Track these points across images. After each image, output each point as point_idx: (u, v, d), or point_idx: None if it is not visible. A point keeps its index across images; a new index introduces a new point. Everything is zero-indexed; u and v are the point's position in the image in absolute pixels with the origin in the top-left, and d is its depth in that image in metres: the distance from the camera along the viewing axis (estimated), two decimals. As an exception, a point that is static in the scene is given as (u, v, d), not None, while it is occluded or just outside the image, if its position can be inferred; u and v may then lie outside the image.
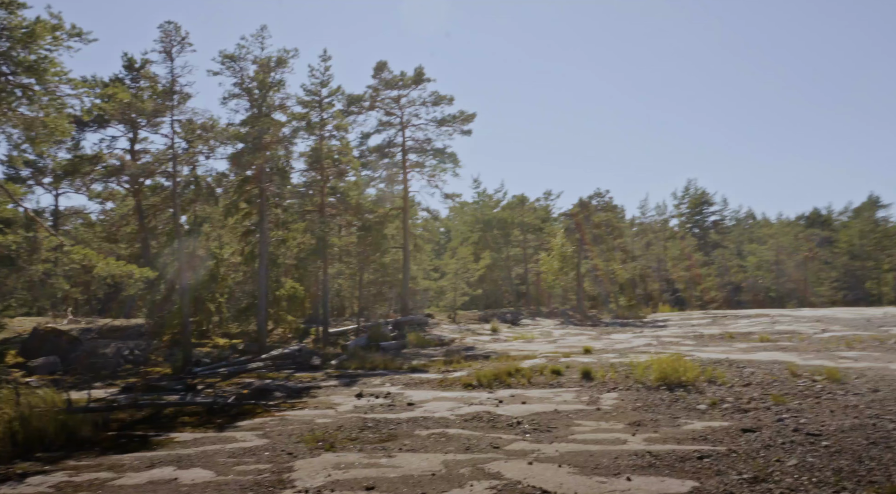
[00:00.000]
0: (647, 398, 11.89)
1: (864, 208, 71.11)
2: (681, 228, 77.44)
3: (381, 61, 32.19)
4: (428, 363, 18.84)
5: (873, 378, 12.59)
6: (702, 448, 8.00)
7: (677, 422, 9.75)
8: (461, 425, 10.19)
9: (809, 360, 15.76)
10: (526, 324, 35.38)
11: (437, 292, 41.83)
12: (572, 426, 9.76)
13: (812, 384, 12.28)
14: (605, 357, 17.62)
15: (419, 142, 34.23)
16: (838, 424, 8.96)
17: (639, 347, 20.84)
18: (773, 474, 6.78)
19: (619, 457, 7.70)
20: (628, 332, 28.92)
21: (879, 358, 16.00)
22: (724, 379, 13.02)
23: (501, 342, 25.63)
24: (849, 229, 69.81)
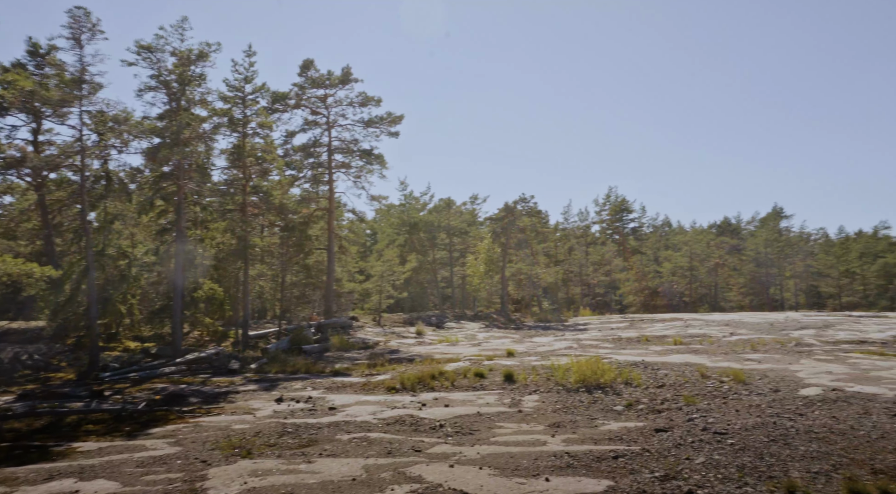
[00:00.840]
0: (567, 399, 12.14)
1: (769, 217, 75.78)
2: (602, 234, 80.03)
3: (308, 59, 31.56)
4: (351, 367, 18.57)
5: (774, 379, 13.36)
6: (617, 447, 8.23)
7: (595, 423, 9.99)
8: (383, 429, 10.07)
9: (718, 362, 16.56)
10: (451, 327, 35.53)
11: (362, 294, 41.39)
12: (494, 429, 9.83)
13: (720, 385, 12.89)
14: (528, 360, 17.91)
15: (346, 142, 33.76)
16: (743, 423, 9.42)
17: (560, 350, 21.30)
18: (682, 471, 7.04)
19: (538, 458, 7.80)
20: (550, 335, 29.53)
21: (780, 360, 17.01)
22: (639, 381, 13.48)
23: (426, 345, 25.62)
24: (755, 237, 74.13)
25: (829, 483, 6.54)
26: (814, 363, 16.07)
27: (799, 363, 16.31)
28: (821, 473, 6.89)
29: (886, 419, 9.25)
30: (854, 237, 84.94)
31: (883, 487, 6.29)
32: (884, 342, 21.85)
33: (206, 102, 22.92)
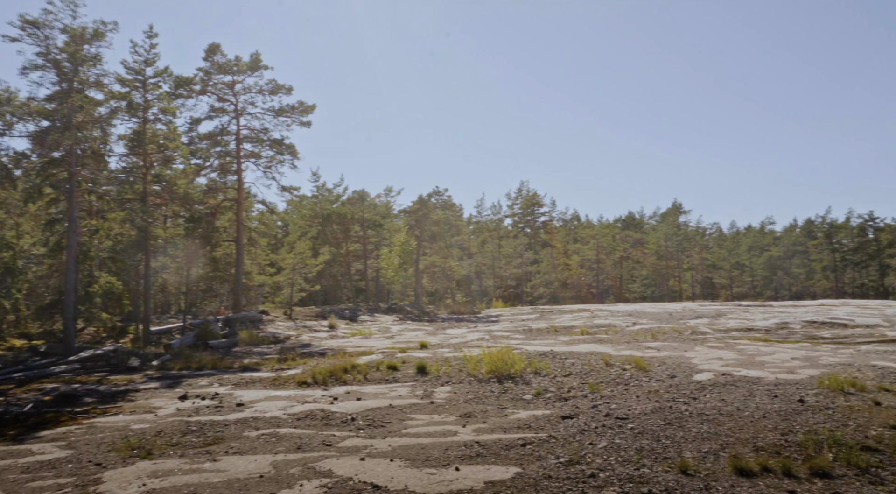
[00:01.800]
0: (479, 390, 12.34)
1: (670, 212, 79.88)
2: (514, 227, 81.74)
3: (214, 43, 30.23)
4: (261, 362, 18.09)
5: (672, 366, 14.13)
6: (526, 435, 8.45)
7: (505, 412, 10.21)
8: (293, 424, 9.88)
9: (621, 351, 17.33)
10: (364, 320, 35.29)
11: (272, 287, 40.35)
12: (406, 421, 9.86)
13: (622, 372, 13.50)
14: (441, 352, 18.08)
15: (255, 131, 32.66)
16: (642, 408, 9.92)
17: (472, 341, 21.62)
18: (585, 456, 7.33)
19: (449, 449, 7.90)
20: (463, 327, 29.93)
21: (677, 348, 18.02)
22: (548, 370, 13.90)
23: (339, 338, 25.33)
24: (656, 231, 77.94)
25: (717, 462, 7.00)
26: (707, 350, 17.12)
27: (694, 350, 17.33)
28: (710, 452, 7.36)
29: (768, 401, 10.00)
30: (744, 232, 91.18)
31: (763, 463, 6.80)
32: (767, 330, 23.60)
33: (103, 84, 21.57)
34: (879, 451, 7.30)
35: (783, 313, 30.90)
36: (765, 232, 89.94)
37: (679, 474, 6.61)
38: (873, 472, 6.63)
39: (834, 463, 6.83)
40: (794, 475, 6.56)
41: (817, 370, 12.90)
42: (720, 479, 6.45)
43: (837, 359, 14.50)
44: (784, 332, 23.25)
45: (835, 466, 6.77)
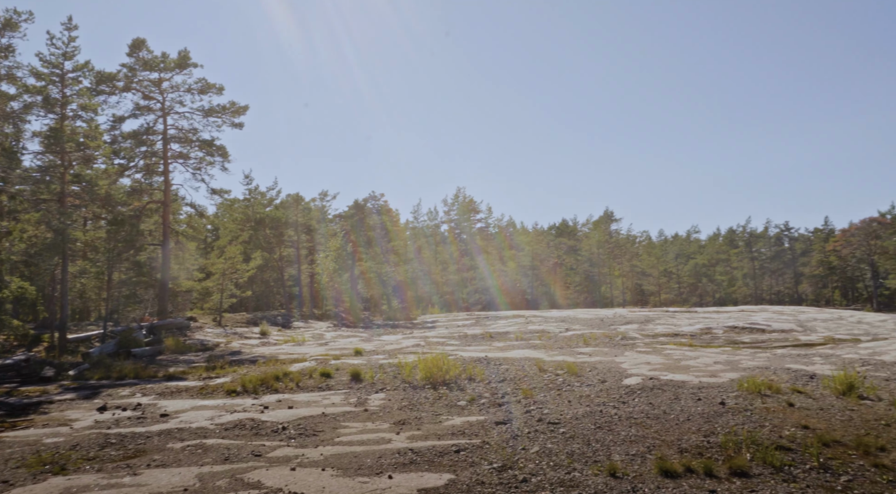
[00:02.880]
0: (413, 397, 12.28)
1: (602, 220, 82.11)
2: (450, 233, 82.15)
3: (139, 38, 29.06)
4: (187, 370, 17.43)
5: (602, 371, 14.47)
6: (459, 442, 8.45)
7: (439, 419, 10.19)
8: (221, 434, 9.54)
9: (554, 356, 17.63)
10: (298, 327, 34.62)
11: (201, 293, 39.04)
12: (339, 429, 9.69)
13: (555, 377, 13.72)
14: (375, 359, 17.90)
15: (184, 131, 31.56)
16: (574, 412, 10.10)
17: (408, 348, 21.53)
18: (518, 461, 7.40)
19: (382, 456, 7.81)
20: (399, 333, 29.78)
21: (608, 353, 18.48)
22: (482, 376, 13.97)
23: (271, 345, 24.73)
24: (589, 239, 79.94)
25: (644, 464, 7.20)
26: (636, 355, 17.63)
27: (624, 355, 17.81)
28: (638, 455, 7.56)
29: (692, 404, 10.36)
30: (671, 240, 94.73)
31: (687, 464, 7.04)
32: (692, 335, 24.56)
33: (16, 77, 20.39)
34: (792, 450, 7.67)
35: (707, 318, 32.24)
36: (690, 240, 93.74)
37: (608, 477, 6.76)
38: (787, 470, 6.96)
39: (751, 463, 7.14)
40: (715, 475, 6.81)
41: (737, 373, 13.48)
42: (647, 481, 6.63)
43: (756, 363, 15.20)
44: (708, 337, 24.25)
45: (752, 465, 7.07)
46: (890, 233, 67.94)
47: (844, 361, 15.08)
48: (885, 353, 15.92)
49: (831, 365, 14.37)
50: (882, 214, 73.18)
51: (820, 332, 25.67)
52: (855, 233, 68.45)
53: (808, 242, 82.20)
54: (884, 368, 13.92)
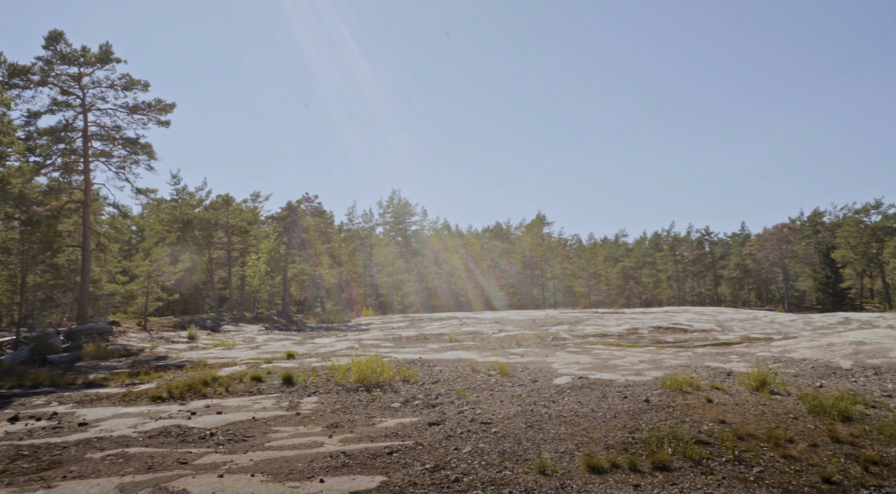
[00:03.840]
0: (347, 399, 12.19)
1: (534, 224, 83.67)
2: (385, 235, 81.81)
3: (56, 30, 27.57)
4: (109, 377, 16.68)
5: (534, 371, 14.77)
6: (393, 443, 8.47)
7: (373, 421, 10.16)
8: (145, 442, 9.20)
9: (487, 357, 17.86)
10: (228, 330, 33.68)
11: (125, 296, 37.42)
12: (270, 434, 9.52)
13: (488, 378, 13.91)
14: (308, 362, 17.65)
15: (106, 129, 30.17)
16: (505, 412, 10.28)
17: (342, 350, 21.33)
18: (451, 461, 7.48)
19: (314, 460, 7.73)
20: (333, 336, 29.45)
21: (539, 353, 18.87)
22: (416, 378, 14.01)
23: (199, 349, 23.97)
24: (522, 241, 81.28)
25: (573, 461, 7.42)
26: (566, 355, 18.07)
27: (554, 355, 18.23)
28: (567, 452, 7.78)
29: (619, 402, 10.74)
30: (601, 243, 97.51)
31: (613, 460, 7.30)
32: (620, 335, 25.38)
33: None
34: (710, 444, 8.08)
35: (634, 319, 33.37)
36: (619, 244, 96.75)
37: (538, 474, 6.93)
38: (705, 463, 7.33)
39: (673, 457, 7.48)
40: (639, 469, 7.10)
41: (661, 371, 14.03)
42: (574, 477, 6.84)
43: (678, 361, 15.87)
44: (634, 337, 25.12)
45: (673, 459, 7.41)
46: (799, 238, 72.26)
47: (758, 358, 15.94)
48: (794, 351, 16.93)
49: (746, 363, 15.17)
50: (792, 220, 77.79)
51: (737, 331, 27.01)
52: (768, 238, 72.45)
53: (726, 246, 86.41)
54: (793, 365, 14.81)
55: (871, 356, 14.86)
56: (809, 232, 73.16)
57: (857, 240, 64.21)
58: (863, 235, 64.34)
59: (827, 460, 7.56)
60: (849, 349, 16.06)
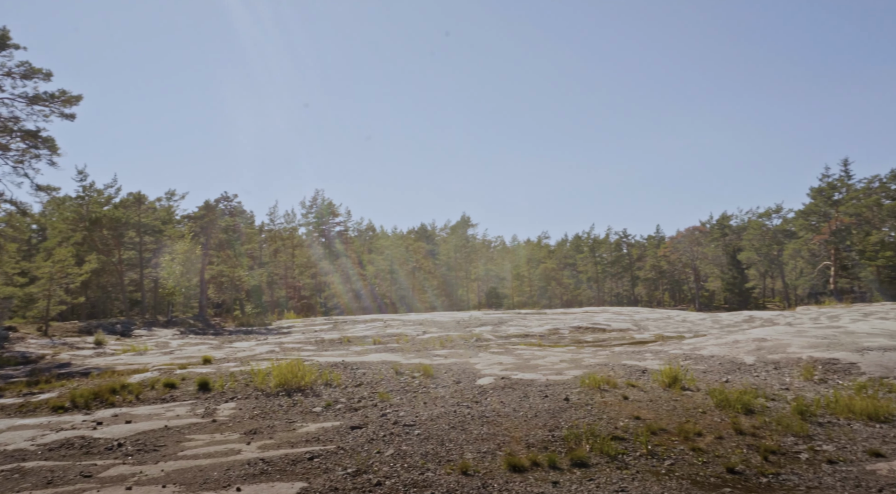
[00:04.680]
0: (266, 405, 11.85)
1: (459, 225, 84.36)
2: (308, 236, 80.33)
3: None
4: (4, 387, 15.52)
5: (457, 372, 14.85)
6: (314, 448, 8.29)
7: (293, 426, 9.92)
8: (44, 455, 8.61)
9: (411, 359, 17.82)
10: (140, 335, 32.10)
11: (24, 300, 35.00)
12: (183, 442, 9.12)
13: (412, 380, 13.87)
14: (226, 367, 17.06)
15: (2, 119, 28.11)
16: (429, 414, 10.28)
17: (261, 354, 20.75)
18: (373, 465, 7.40)
19: (231, 468, 7.46)
20: (252, 340, 28.62)
21: (463, 355, 19.00)
22: (339, 381, 13.80)
23: (108, 356, 22.71)
24: (447, 243, 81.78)
25: (495, 460, 7.50)
26: (489, 356, 18.29)
27: (478, 356, 18.40)
28: (488, 452, 7.86)
29: (540, 401, 10.95)
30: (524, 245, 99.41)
31: (533, 458, 7.43)
32: (542, 335, 25.94)
33: None
34: (626, 439, 8.36)
35: (555, 320, 34.20)
36: (541, 245, 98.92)
37: (460, 475, 6.96)
38: (620, 459, 7.57)
39: (590, 453, 7.69)
40: (558, 466, 7.25)
41: (581, 370, 14.43)
42: (496, 476, 6.91)
43: (597, 360, 16.37)
44: (555, 337, 25.74)
45: (591, 456, 7.62)
46: (709, 240, 76.24)
47: (671, 356, 16.67)
48: (704, 348, 17.80)
49: (660, 360, 15.83)
50: (703, 223, 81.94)
51: (652, 330, 28.17)
52: (681, 240, 76.01)
53: (643, 248, 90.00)
54: (702, 361, 15.57)
55: (771, 352, 15.82)
56: (718, 235, 77.34)
57: (761, 242, 68.38)
58: (765, 237, 68.57)
59: (731, 451, 7.97)
60: (752, 345, 17.03)
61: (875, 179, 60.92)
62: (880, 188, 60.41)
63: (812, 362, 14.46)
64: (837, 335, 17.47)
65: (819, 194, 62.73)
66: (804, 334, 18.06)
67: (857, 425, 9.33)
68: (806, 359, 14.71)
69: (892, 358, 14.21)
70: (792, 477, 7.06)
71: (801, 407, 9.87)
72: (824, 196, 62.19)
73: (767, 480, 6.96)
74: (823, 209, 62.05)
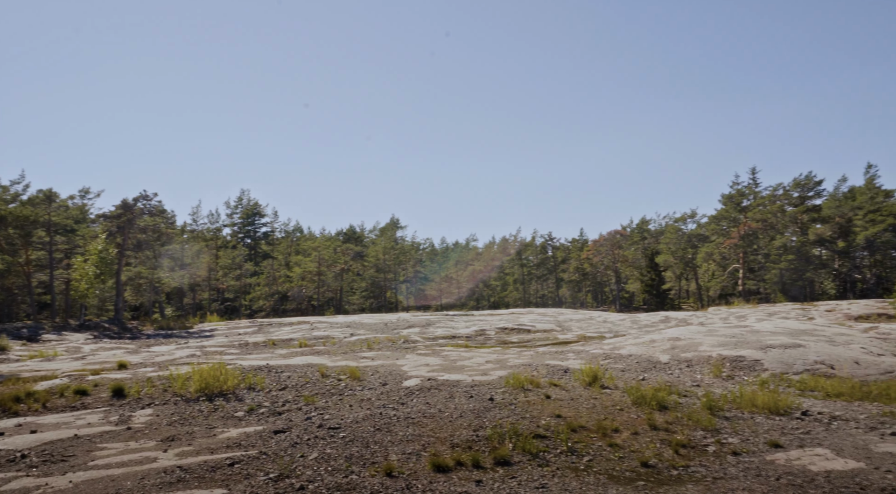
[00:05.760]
0: (186, 410, 11.49)
1: (388, 227, 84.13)
2: (233, 237, 78.15)
3: None
4: None
5: (384, 374, 14.84)
6: (235, 454, 8.11)
7: (214, 432, 9.67)
8: (-62, 471, 8.04)
9: (338, 361, 17.66)
10: (49, 340, 30.32)
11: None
12: (95, 452, 8.72)
13: (338, 382, 13.76)
14: (143, 372, 16.39)
15: None
16: (354, 416, 10.24)
17: (182, 358, 20.05)
18: (296, 469, 7.31)
19: (146, 477, 7.20)
20: (172, 343, 27.58)
21: (390, 356, 18.99)
22: (263, 385, 13.52)
23: (12, 362, 21.34)
24: (376, 245, 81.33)
25: (419, 461, 7.56)
26: (416, 358, 18.35)
27: (405, 358, 18.44)
28: (413, 453, 7.91)
29: (465, 401, 11.10)
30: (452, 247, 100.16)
31: (457, 458, 7.55)
32: (469, 337, 26.23)
33: None
34: (547, 437, 8.61)
35: (482, 321, 34.64)
36: (469, 248, 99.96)
37: (385, 477, 6.98)
38: (542, 456, 7.80)
39: (513, 452, 7.88)
40: (481, 466, 7.39)
41: (506, 370, 14.71)
42: (420, 477, 6.98)
43: (521, 360, 16.73)
44: (482, 338, 26.10)
45: (513, 454, 7.81)
46: (629, 243, 79.23)
47: (592, 355, 17.25)
48: (623, 347, 18.50)
49: (581, 360, 16.35)
50: (623, 227, 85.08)
51: (575, 331, 29.02)
52: (603, 243, 78.55)
53: (567, 250, 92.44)
54: (621, 360, 16.20)
55: (684, 351, 16.63)
56: (637, 238, 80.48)
57: (677, 246, 71.62)
58: (681, 241, 71.86)
59: (646, 446, 8.35)
60: (667, 345, 17.84)
61: (779, 186, 65.20)
62: (784, 196, 64.70)
63: (721, 359, 15.30)
64: (744, 334, 18.53)
65: (729, 201, 66.38)
66: (714, 333, 19.05)
67: (760, 418, 9.96)
68: (715, 357, 15.54)
69: (792, 355, 15.23)
70: (700, 469, 7.47)
71: (710, 403, 10.44)
72: (734, 202, 65.86)
73: (678, 472, 7.34)
74: (733, 215, 65.69)
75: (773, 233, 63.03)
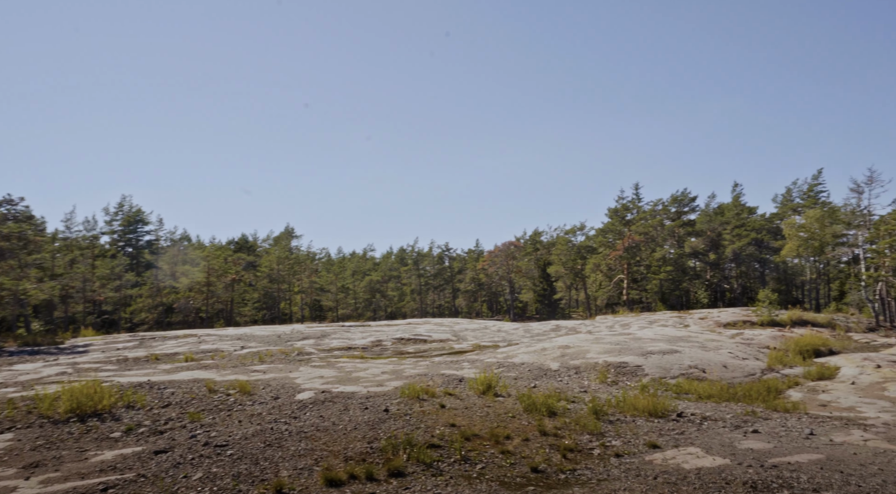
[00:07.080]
0: (53, 433, 10.56)
1: (282, 236, 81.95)
2: (112, 246, 73.23)
3: None
4: None
5: (276, 387, 14.37)
6: (109, 478, 7.56)
7: (86, 455, 8.96)
8: None
9: (227, 376, 16.91)
10: None
11: None
12: (-57, 484, 7.83)
13: (227, 398, 13.17)
14: (3, 393, 14.93)
15: None
16: (243, 432, 9.83)
17: (50, 377, 18.44)
18: (178, 491, 6.92)
19: (4, 509, 6.55)
20: (39, 361, 25.31)
21: (283, 369, 18.42)
22: (143, 403, 12.70)
23: None
24: (269, 254, 78.89)
25: (311, 476, 7.37)
26: (310, 370, 17.92)
27: (298, 370, 17.95)
28: (305, 468, 7.71)
29: (360, 413, 10.96)
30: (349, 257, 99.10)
31: (350, 471, 7.43)
32: (364, 348, 25.97)
33: None
34: (441, 447, 8.66)
35: (379, 332, 34.40)
36: (367, 258, 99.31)
37: (274, 494, 6.74)
38: (436, 466, 7.83)
39: (407, 463, 7.85)
40: (375, 478, 7.32)
41: (401, 381, 14.67)
42: (312, 493, 6.79)
43: (417, 370, 16.76)
44: (378, 349, 25.91)
45: (408, 465, 7.79)
46: (523, 254, 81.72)
47: (486, 364, 17.58)
48: (516, 356, 19.00)
49: (476, 369, 16.61)
50: (518, 238, 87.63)
51: (470, 340, 29.45)
52: (498, 254, 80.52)
53: (463, 261, 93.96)
54: (514, 368, 16.61)
55: (573, 358, 17.32)
56: (531, 249, 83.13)
57: (567, 257, 74.66)
58: (571, 252, 75.00)
59: (536, 451, 8.60)
60: (557, 352, 18.52)
61: (659, 202, 69.80)
62: (663, 211, 69.31)
63: (606, 366, 16.07)
64: (627, 341, 19.60)
65: (615, 214, 70.17)
66: (601, 341, 20.00)
67: (641, 421, 10.54)
68: (602, 364, 16.31)
69: (669, 360, 16.26)
70: (586, 472, 7.78)
71: (596, 408, 10.93)
72: (619, 216, 69.69)
73: (565, 476, 7.61)
74: (618, 228, 69.47)
75: (653, 245, 67.20)
